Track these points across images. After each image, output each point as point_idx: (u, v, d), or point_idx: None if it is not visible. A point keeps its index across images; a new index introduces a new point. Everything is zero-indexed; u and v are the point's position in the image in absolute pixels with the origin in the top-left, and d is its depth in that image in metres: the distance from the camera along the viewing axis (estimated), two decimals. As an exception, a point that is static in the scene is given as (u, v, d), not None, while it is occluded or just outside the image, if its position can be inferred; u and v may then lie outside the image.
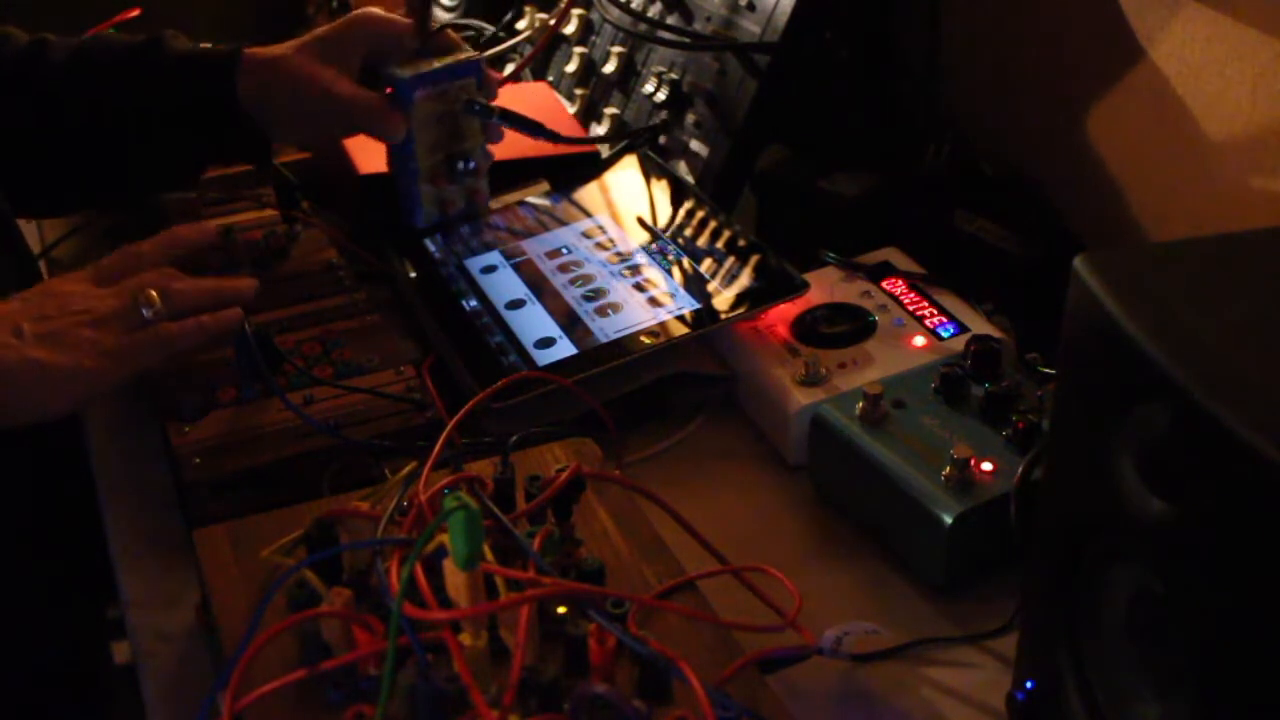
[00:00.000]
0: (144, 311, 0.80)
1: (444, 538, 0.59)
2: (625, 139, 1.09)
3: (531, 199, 1.05)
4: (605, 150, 1.10)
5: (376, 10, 0.98)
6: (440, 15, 1.35)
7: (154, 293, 0.81)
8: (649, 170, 1.05)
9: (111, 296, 0.81)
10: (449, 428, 0.73)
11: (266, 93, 0.94)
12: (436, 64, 0.96)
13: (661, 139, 1.09)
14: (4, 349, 0.75)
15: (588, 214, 1.02)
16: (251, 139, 0.96)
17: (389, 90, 0.96)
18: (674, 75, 1.09)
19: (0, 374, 0.75)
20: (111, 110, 0.95)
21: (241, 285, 0.86)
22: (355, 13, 0.98)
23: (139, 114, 0.94)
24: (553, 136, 1.02)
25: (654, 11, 1.13)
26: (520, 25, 1.28)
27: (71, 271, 0.85)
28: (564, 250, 0.98)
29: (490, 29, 1.28)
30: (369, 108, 0.95)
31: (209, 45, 0.98)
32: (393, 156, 0.99)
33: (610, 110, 1.13)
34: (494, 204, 1.04)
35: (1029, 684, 0.63)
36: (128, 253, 0.85)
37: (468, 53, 0.98)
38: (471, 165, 1.00)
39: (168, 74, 0.95)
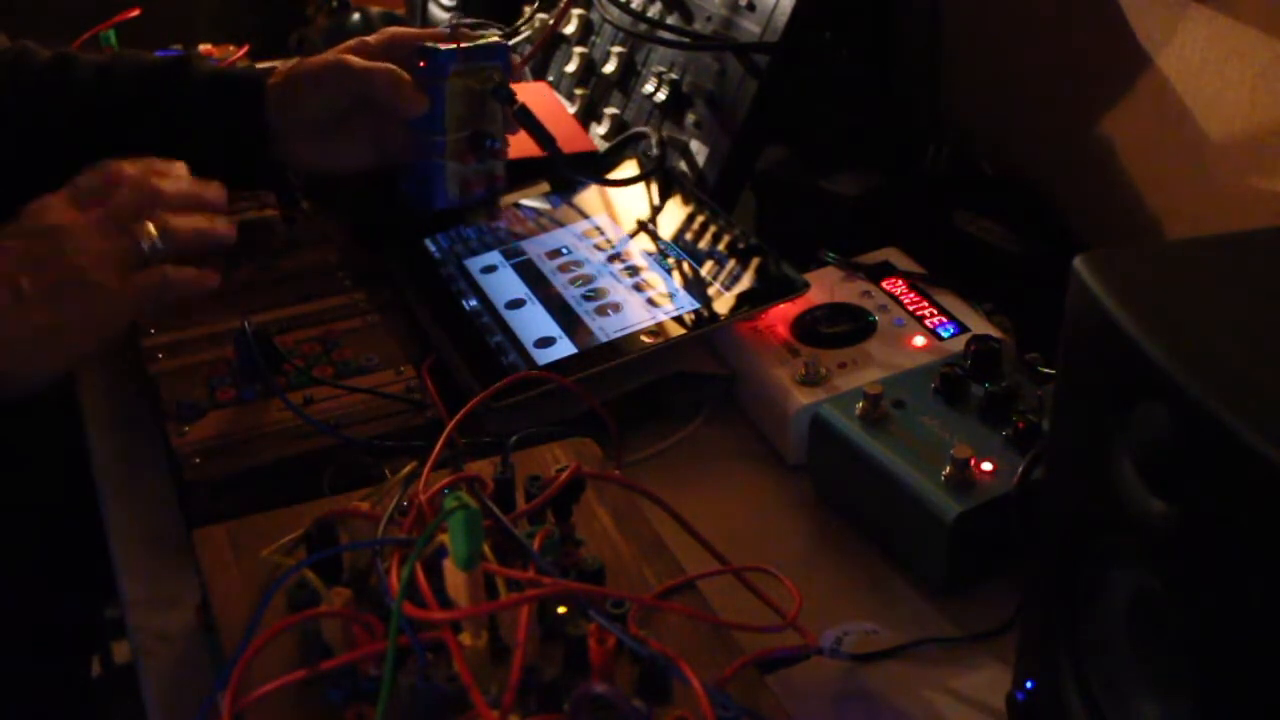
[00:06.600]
0: (143, 246, 0.77)
1: (444, 538, 0.59)
2: (647, 168, 1.06)
3: (531, 200, 1.05)
4: (604, 148, 1.10)
5: (396, 28, 0.98)
6: (438, 15, 1.35)
7: (152, 227, 0.78)
8: (649, 171, 1.05)
9: (105, 229, 0.77)
10: (449, 428, 0.73)
11: (291, 87, 0.93)
12: (467, 45, 0.96)
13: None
14: (7, 316, 0.72)
15: (587, 215, 1.02)
16: (272, 165, 0.95)
17: (421, 64, 0.95)
18: (674, 75, 1.09)
19: (8, 346, 0.72)
20: (136, 129, 0.93)
21: (227, 230, 0.83)
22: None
23: (164, 134, 0.92)
24: (556, 152, 1.01)
25: (654, 11, 1.13)
26: (520, 25, 1.28)
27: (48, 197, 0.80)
28: (564, 250, 0.98)
29: (500, 30, 1.28)
30: (390, 77, 0.92)
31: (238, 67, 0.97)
32: (415, 134, 0.97)
33: (610, 110, 1.13)
34: (494, 205, 1.04)
35: (1029, 684, 0.63)
36: (109, 171, 0.81)
37: (495, 39, 0.98)
38: (496, 144, 0.99)
39: (196, 93, 0.93)
